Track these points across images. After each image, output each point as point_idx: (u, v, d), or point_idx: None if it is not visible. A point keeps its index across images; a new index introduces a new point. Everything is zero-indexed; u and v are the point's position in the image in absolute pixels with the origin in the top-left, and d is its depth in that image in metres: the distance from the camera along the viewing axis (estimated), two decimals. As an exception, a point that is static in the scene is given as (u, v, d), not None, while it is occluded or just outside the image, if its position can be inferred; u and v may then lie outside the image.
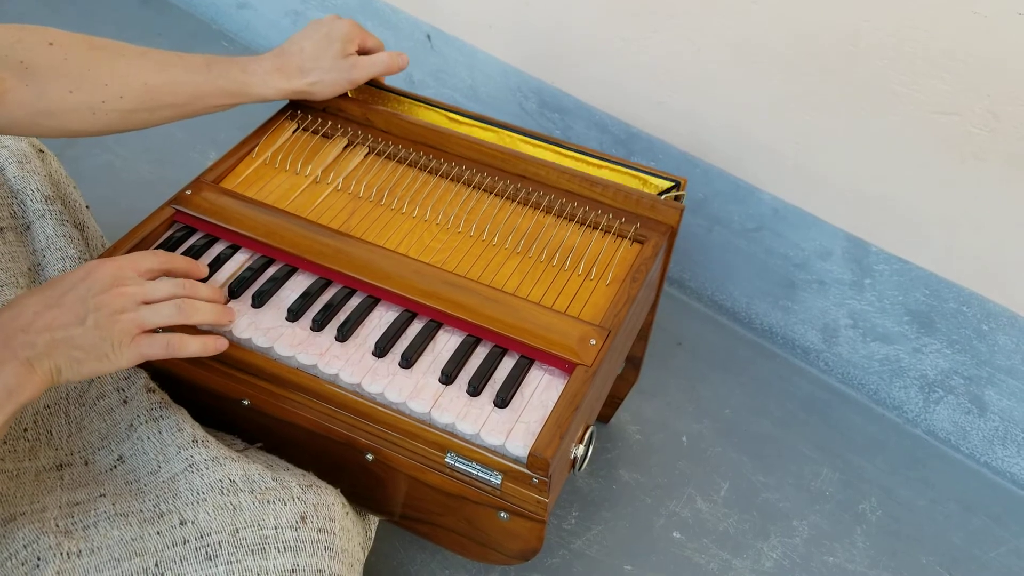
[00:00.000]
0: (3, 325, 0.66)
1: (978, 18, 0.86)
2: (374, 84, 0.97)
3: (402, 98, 0.97)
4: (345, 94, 0.96)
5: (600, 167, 0.90)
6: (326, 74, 0.90)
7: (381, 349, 0.75)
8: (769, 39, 1.02)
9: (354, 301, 0.79)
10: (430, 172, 0.91)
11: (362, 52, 0.94)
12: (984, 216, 0.97)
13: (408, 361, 0.74)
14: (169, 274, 0.76)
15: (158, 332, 0.71)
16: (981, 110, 0.91)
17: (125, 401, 0.79)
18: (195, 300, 0.73)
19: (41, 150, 0.93)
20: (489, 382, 0.74)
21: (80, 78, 0.78)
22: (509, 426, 0.71)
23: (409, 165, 0.92)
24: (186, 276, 0.76)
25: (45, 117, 0.78)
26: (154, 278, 0.74)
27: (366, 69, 0.92)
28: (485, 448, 0.70)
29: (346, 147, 0.94)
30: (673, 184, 0.88)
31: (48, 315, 0.67)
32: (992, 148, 0.92)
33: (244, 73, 0.86)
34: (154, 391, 0.79)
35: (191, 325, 0.74)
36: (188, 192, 0.86)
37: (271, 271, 0.81)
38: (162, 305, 0.71)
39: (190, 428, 0.75)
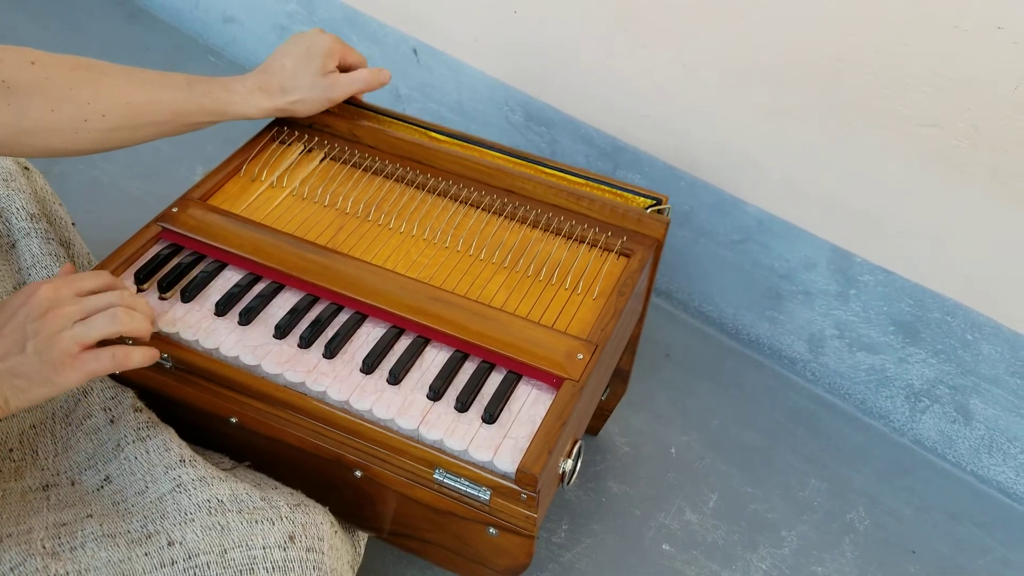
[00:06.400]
0: None
1: (959, 32, 0.87)
2: (353, 103, 0.97)
3: (383, 117, 0.97)
4: (330, 110, 0.96)
5: (582, 186, 0.90)
6: (307, 92, 0.90)
7: (369, 366, 0.75)
8: (755, 54, 1.02)
9: (342, 318, 0.79)
10: (417, 187, 0.92)
11: (344, 68, 0.94)
12: (967, 227, 0.98)
13: (396, 377, 0.74)
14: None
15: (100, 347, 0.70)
16: (963, 123, 0.91)
17: (112, 421, 0.78)
18: (129, 308, 0.72)
19: (27, 168, 0.93)
20: (477, 398, 0.74)
21: (62, 97, 0.78)
22: (497, 442, 0.71)
23: (396, 180, 0.92)
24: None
25: (27, 136, 0.78)
26: None
27: (345, 87, 0.92)
28: (473, 464, 0.70)
29: (332, 163, 0.94)
30: (655, 201, 0.88)
31: None
32: (974, 160, 0.93)
33: (226, 92, 0.87)
34: (141, 410, 0.78)
35: (127, 336, 0.73)
36: (175, 209, 0.86)
37: (258, 288, 0.81)
38: (95, 317, 0.70)
39: (177, 448, 0.75)
